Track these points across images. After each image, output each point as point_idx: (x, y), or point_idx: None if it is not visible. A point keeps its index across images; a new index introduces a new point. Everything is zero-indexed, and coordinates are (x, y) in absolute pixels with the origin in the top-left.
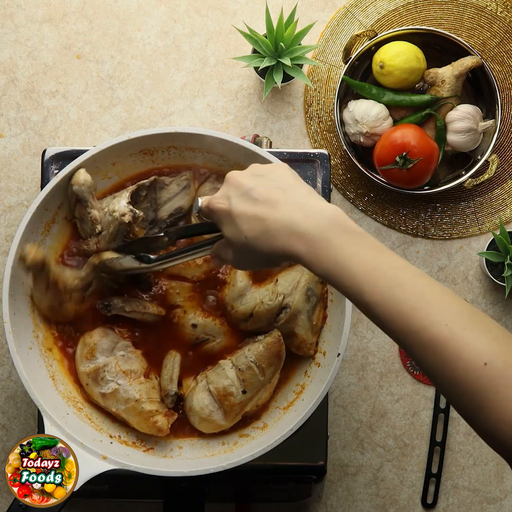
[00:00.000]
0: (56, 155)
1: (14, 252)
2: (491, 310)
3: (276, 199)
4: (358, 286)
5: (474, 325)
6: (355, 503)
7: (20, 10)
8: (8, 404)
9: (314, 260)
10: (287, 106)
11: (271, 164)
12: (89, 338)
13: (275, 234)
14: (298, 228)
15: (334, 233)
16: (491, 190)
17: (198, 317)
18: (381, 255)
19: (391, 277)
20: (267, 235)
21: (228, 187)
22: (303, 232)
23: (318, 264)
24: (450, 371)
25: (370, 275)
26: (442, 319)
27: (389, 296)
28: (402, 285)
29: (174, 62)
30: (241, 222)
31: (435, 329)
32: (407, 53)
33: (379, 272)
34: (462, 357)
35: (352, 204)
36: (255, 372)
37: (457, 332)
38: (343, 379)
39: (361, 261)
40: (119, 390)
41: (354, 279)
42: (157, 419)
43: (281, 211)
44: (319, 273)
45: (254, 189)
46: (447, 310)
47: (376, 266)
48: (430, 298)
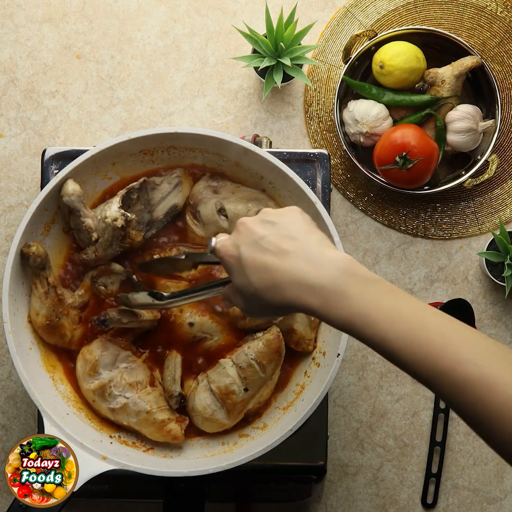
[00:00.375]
0: (56, 155)
1: (14, 252)
2: (491, 310)
3: (287, 249)
4: (381, 334)
5: (503, 359)
6: (355, 503)
7: (20, 10)
8: (8, 404)
9: (330, 313)
10: (287, 106)
11: (283, 209)
12: (89, 355)
13: (285, 286)
14: (310, 281)
15: (348, 284)
16: (491, 190)
17: (194, 316)
18: (399, 299)
19: (414, 320)
20: (277, 288)
21: (239, 234)
22: (315, 285)
23: (334, 317)
24: (483, 408)
25: (392, 321)
26: (470, 357)
27: (415, 340)
28: (426, 327)
29: (174, 62)
30: (250, 272)
31: (464, 368)
32: (407, 53)
33: (400, 317)
34: (494, 393)
35: (352, 204)
36: (256, 369)
37: (486, 368)
38: (343, 379)
39: (380, 309)
40: (129, 403)
41: (375, 327)
42: (171, 427)
43: (291, 263)
44: (336, 325)
45: (264, 238)
46: (473, 347)
47: (396, 311)
48: (455, 337)
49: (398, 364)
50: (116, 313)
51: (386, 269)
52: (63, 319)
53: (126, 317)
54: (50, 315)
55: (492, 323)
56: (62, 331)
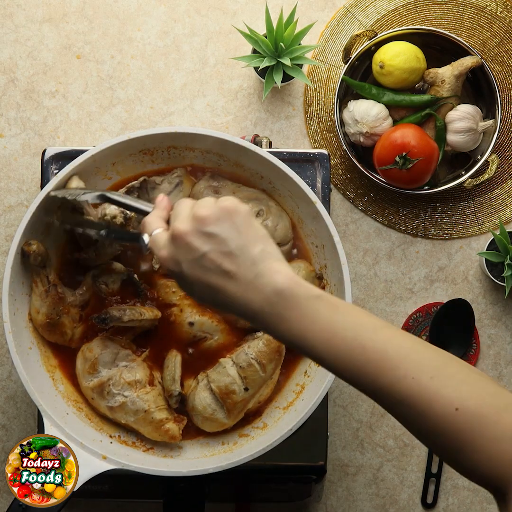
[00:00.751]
0: (56, 155)
1: (14, 252)
2: (491, 310)
3: (228, 270)
4: (320, 355)
5: (442, 371)
6: (355, 503)
7: (20, 10)
8: (8, 404)
9: (275, 334)
10: (287, 106)
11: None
12: (89, 353)
13: (231, 306)
14: (251, 306)
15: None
16: (491, 190)
17: (194, 315)
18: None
19: (350, 340)
20: (225, 306)
21: (177, 249)
22: (256, 310)
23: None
24: (425, 423)
25: (327, 342)
26: (408, 373)
27: (352, 361)
28: (363, 346)
29: (174, 62)
30: (196, 288)
31: (402, 385)
32: (407, 53)
33: (336, 339)
34: (433, 407)
35: (352, 204)
36: (256, 369)
37: (424, 383)
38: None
39: (315, 330)
40: (127, 402)
41: (314, 349)
42: (168, 427)
43: (234, 286)
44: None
45: (205, 256)
46: (413, 362)
47: (332, 330)
48: (394, 353)
49: (343, 379)
50: (117, 311)
51: (386, 269)
52: (64, 317)
53: (126, 315)
54: (50, 313)
55: (492, 323)
56: (62, 329)
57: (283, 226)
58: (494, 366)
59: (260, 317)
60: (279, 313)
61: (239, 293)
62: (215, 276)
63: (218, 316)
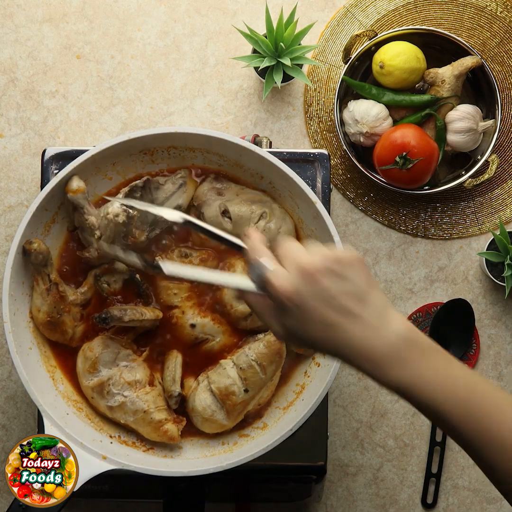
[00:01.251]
0: (56, 155)
1: (14, 252)
2: (491, 310)
3: (354, 312)
4: (435, 401)
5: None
6: (355, 503)
7: (20, 10)
8: (8, 404)
9: (382, 377)
10: (287, 106)
11: (348, 255)
12: (90, 352)
13: (344, 346)
14: (371, 349)
15: (409, 352)
16: (491, 190)
17: (196, 317)
18: (454, 368)
19: (470, 390)
20: (335, 346)
21: (305, 283)
22: (376, 352)
23: (386, 380)
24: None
25: (448, 390)
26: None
27: (470, 410)
28: (482, 398)
29: (174, 62)
30: (311, 323)
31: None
32: (407, 53)
33: (456, 386)
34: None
35: (352, 204)
36: (256, 371)
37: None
38: (343, 379)
39: (438, 377)
40: (126, 402)
41: (431, 395)
42: (167, 428)
43: (356, 327)
44: (386, 386)
45: (333, 295)
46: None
47: (453, 380)
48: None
49: (443, 426)
50: (118, 311)
51: (386, 269)
52: (64, 316)
53: (127, 315)
54: (51, 311)
55: (492, 323)
56: (63, 328)
57: (286, 229)
58: (494, 366)
59: (375, 359)
60: (402, 358)
61: (360, 335)
62: (339, 315)
63: (220, 317)
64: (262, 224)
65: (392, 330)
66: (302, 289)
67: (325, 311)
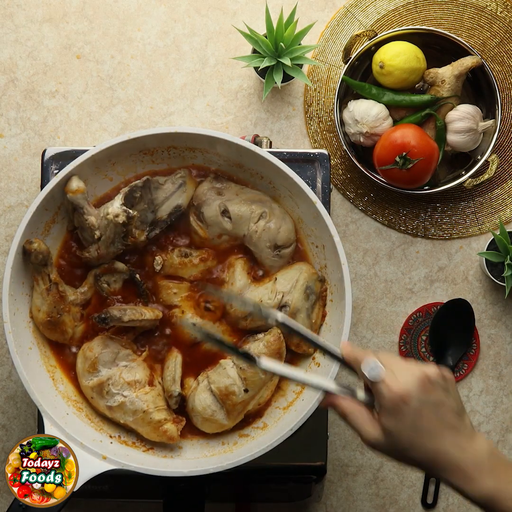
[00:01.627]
0: (56, 155)
1: (14, 252)
2: (491, 310)
3: (456, 426)
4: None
5: None
6: (355, 503)
7: (20, 10)
8: (8, 404)
9: (467, 487)
10: (287, 106)
11: (447, 373)
12: (89, 352)
13: (441, 457)
14: (462, 461)
15: (494, 465)
16: (491, 190)
17: (196, 317)
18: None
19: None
20: (433, 453)
21: (419, 385)
22: (467, 464)
23: (470, 490)
24: None
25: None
26: None
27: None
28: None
29: (174, 62)
30: (419, 427)
31: None
32: (407, 53)
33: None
34: None
35: (352, 204)
36: (256, 371)
37: None
38: (343, 379)
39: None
40: (126, 402)
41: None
42: (167, 427)
43: (454, 439)
44: (469, 497)
45: (443, 409)
46: None
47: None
48: None
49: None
50: (117, 311)
51: (386, 269)
52: (64, 315)
53: (126, 315)
54: (51, 311)
55: (492, 323)
56: (63, 327)
57: (286, 229)
58: (494, 366)
59: (462, 471)
60: (491, 471)
61: (457, 447)
62: (443, 426)
63: (220, 317)
64: (261, 224)
65: (480, 444)
66: (417, 395)
67: (433, 419)
